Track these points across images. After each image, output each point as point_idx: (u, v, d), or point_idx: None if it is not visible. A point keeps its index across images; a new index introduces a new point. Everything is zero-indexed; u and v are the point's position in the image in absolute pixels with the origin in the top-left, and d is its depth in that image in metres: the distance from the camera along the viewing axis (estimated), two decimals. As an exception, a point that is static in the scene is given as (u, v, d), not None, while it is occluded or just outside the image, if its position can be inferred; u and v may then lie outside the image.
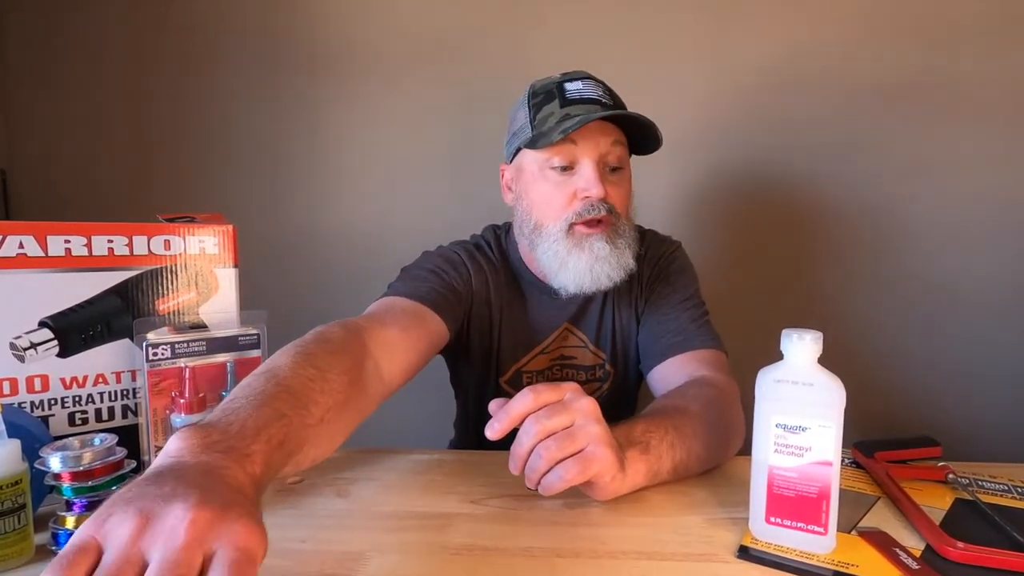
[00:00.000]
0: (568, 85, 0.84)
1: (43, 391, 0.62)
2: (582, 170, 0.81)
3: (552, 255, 0.83)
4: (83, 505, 0.53)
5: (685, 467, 0.65)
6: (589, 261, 0.82)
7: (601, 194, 0.80)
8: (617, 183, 0.84)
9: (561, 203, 0.82)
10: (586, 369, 0.94)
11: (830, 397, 0.50)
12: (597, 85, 0.85)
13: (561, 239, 0.82)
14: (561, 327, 0.93)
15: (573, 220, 0.81)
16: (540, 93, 0.86)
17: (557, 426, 0.56)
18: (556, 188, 0.83)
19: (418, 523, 0.58)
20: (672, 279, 0.92)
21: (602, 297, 0.92)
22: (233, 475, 0.39)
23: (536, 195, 0.85)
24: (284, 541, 0.55)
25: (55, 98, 1.40)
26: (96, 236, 0.64)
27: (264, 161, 1.42)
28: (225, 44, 1.39)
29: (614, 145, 0.82)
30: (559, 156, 0.82)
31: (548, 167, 0.83)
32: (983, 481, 0.66)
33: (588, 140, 0.81)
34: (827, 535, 0.51)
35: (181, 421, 0.62)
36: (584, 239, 0.82)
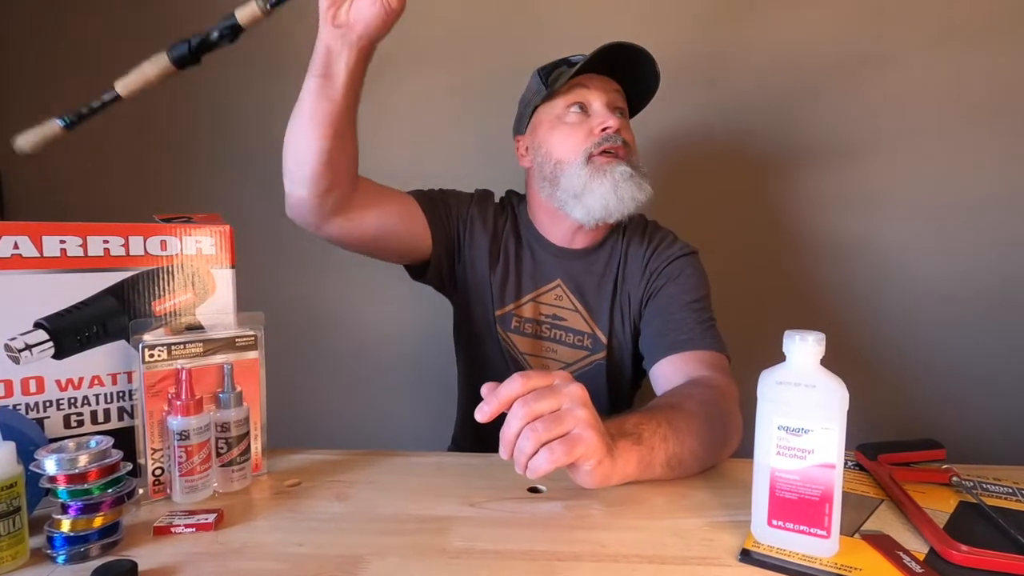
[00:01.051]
0: (572, 57, 0.96)
1: (38, 393, 0.62)
2: (596, 108, 0.92)
3: (571, 186, 0.90)
4: (78, 508, 0.53)
5: (679, 462, 0.66)
6: (612, 183, 0.88)
7: (616, 124, 0.90)
8: (624, 125, 0.94)
9: (580, 138, 0.91)
10: (575, 333, 0.97)
11: (833, 399, 0.51)
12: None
13: (582, 169, 0.89)
14: (555, 282, 0.98)
15: (592, 150, 0.89)
16: (547, 67, 0.97)
17: (545, 409, 0.57)
18: (573, 128, 0.91)
19: (417, 526, 0.58)
20: (683, 281, 0.94)
21: (602, 269, 0.97)
22: None
23: (555, 139, 0.93)
24: (282, 544, 0.55)
25: (51, 97, 1.40)
26: (92, 236, 0.64)
27: (262, 161, 1.41)
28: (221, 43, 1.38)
29: (617, 93, 0.95)
30: (575, 97, 0.92)
31: (565, 109, 0.93)
32: (987, 484, 0.66)
33: (597, 86, 0.93)
34: (830, 538, 0.51)
35: (177, 423, 0.62)
36: (605, 166, 0.89)
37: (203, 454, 0.64)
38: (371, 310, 1.10)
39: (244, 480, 0.68)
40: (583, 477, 0.60)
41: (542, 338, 0.98)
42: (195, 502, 0.64)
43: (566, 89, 0.93)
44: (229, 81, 1.39)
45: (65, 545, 0.52)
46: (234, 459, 0.67)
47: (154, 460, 0.64)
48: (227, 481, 0.67)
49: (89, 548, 0.53)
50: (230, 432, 0.66)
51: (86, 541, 0.53)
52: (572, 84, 0.92)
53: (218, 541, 0.56)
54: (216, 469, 0.66)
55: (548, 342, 0.98)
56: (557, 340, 0.98)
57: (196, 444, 0.63)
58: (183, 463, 0.63)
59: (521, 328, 0.98)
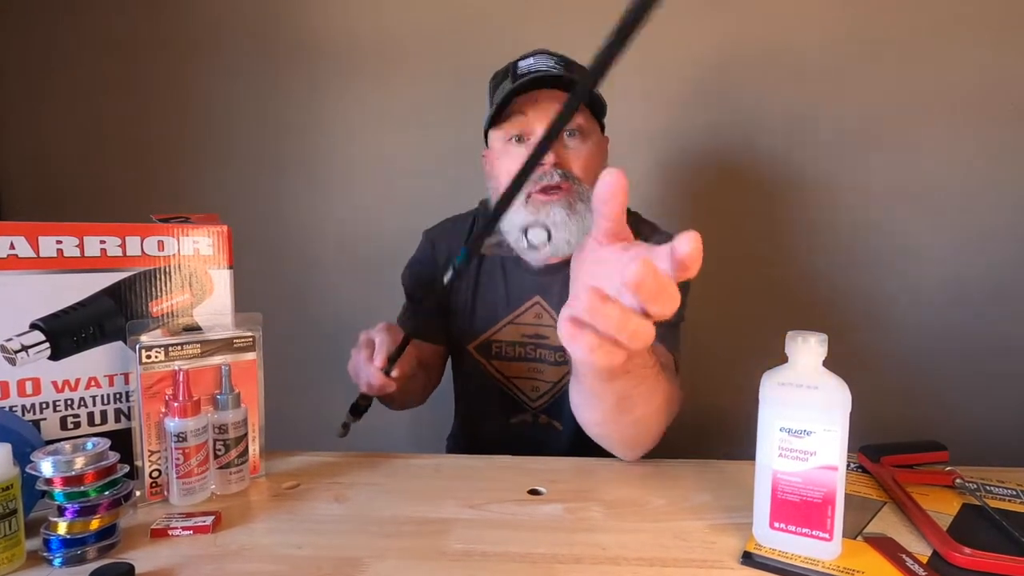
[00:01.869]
0: (521, 63, 0.89)
1: (34, 394, 0.62)
2: (534, 138, 0.87)
3: (516, 224, 0.88)
4: (75, 510, 0.53)
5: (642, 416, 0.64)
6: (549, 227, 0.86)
7: (551, 160, 0.85)
8: (576, 148, 0.88)
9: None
10: (556, 350, 0.94)
11: (835, 400, 0.51)
12: (551, 58, 0.88)
13: (520, 209, 0.87)
14: (532, 300, 0.95)
15: (530, 189, 0.85)
16: (498, 75, 0.92)
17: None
18: (514, 160, 0.87)
19: (416, 528, 0.58)
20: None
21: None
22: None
23: (500, 171, 0.90)
24: (281, 547, 0.55)
25: (48, 97, 1.40)
26: (88, 237, 0.64)
27: (259, 161, 1.42)
28: (220, 43, 1.39)
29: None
30: (514, 128, 0.87)
31: (506, 141, 0.89)
32: (991, 486, 0.66)
33: (538, 110, 0.86)
34: (832, 541, 0.51)
35: (175, 425, 0.63)
36: (541, 207, 0.86)
37: (201, 456, 0.64)
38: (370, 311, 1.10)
39: (242, 482, 0.68)
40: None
41: (526, 360, 0.96)
42: (193, 504, 0.64)
43: (506, 115, 0.88)
44: (228, 80, 1.40)
45: (62, 548, 0.52)
46: (232, 461, 0.67)
47: (151, 462, 0.64)
48: (225, 483, 0.67)
49: (86, 551, 0.53)
50: (228, 434, 0.66)
51: (83, 544, 0.53)
52: (511, 110, 0.87)
53: (216, 544, 0.56)
54: (214, 471, 0.66)
55: (532, 363, 0.96)
56: (541, 360, 0.95)
57: (194, 446, 0.63)
58: (180, 465, 0.63)
59: (502, 353, 0.97)
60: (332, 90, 1.39)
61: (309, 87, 1.39)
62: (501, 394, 0.98)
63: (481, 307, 0.97)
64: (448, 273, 0.65)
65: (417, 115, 1.39)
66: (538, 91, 0.86)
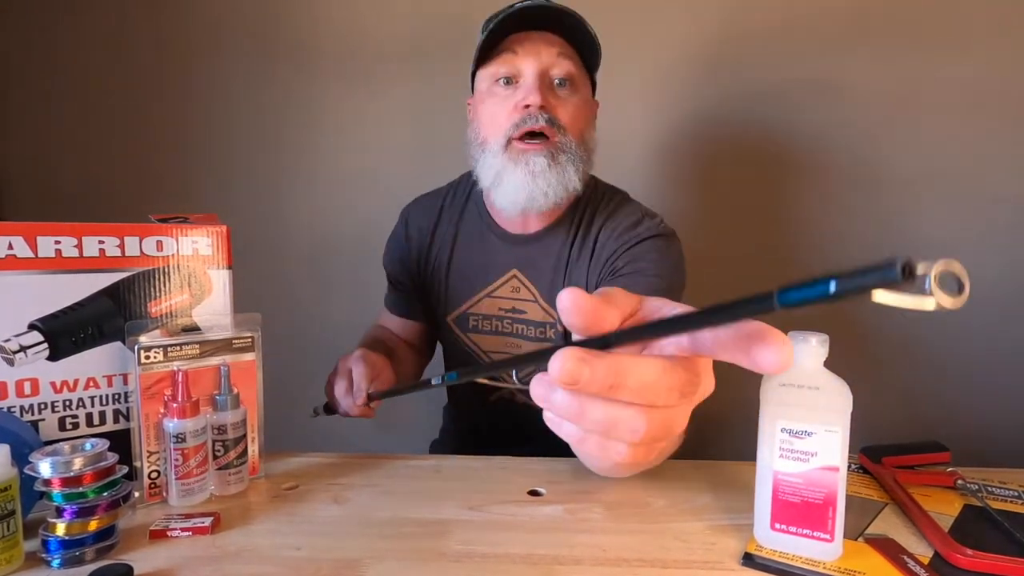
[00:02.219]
0: (518, 3, 0.84)
1: (33, 395, 0.62)
2: (524, 79, 0.82)
3: (489, 170, 0.84)
4: (73, 511, 0.53)
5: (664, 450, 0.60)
6: (524, 175, 0.81)
7: (538, 101, 0.80)
8: (565, 98, 0.84)
9: (503, 115, 0.83)
10: (536, 325, 0.92)
11: (836, 401, 0.51)
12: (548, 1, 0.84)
13: (499, 153, 0.83)
14: (509, 273, 0.92)
15: (511, 132, 0.81)
16: (493, 16, 0.86)
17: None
18: (499, 102, 0.83)
19: (416, 530, 0.58)
20: (644, 267, 0.82)
21: (557, 250, 0.89)
22: None
23: (483, 112, 0.86)
24: (279, 548, 0.55)
25: (47, 98, 1.40)
26: (87, 237, 0.64)
27: (258, 161, 1.42)
28: (219, 44, 1.39)
29: (559, 57, 0.82)
30: (502, 67, 0.83)
31: (493, 82, 0.84)
32: (993, 487, 0.66)
33: (529, 50, 0.82)
34: (833, 542, 0.51)
35: (174, 426, 0.62)
36: (521, 154, 0.82)
37: (199, 457, 0.64)
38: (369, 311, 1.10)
39: (241, 483, 0.68)
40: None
41: (503, 334, 0.94)
42: (191, 505, 0.64)
43: (496, 54, 0.83)
44: (227, 80, 1.40)
45: (60, 549, 0.52)
46: (231, 462, 0.67)
47: (150, 463, 0.64)
48: (224, 484, 0.67)
49: (84, 552, 0.53)
50: (227, 435, 0.66)
51: (81, 545, 0.53)
52: (501, 48, 0.83)
53: (215, 545, 0.56)
54: (213, 472, 0.66)
55: (510, 337, 0.94)
56: (519, 335, 0.93)
57: (192, 447, 0.63)
58: (179, 466, 0.63)
59: (479, 326, 0.94)
60: (331, 90, 1.39)
61: (308, 87, 1.39)
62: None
63: (458, 278, 0.95)
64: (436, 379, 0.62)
65: (416, 115, 1.39)
66: (530, 31, 0.82)
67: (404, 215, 1.04)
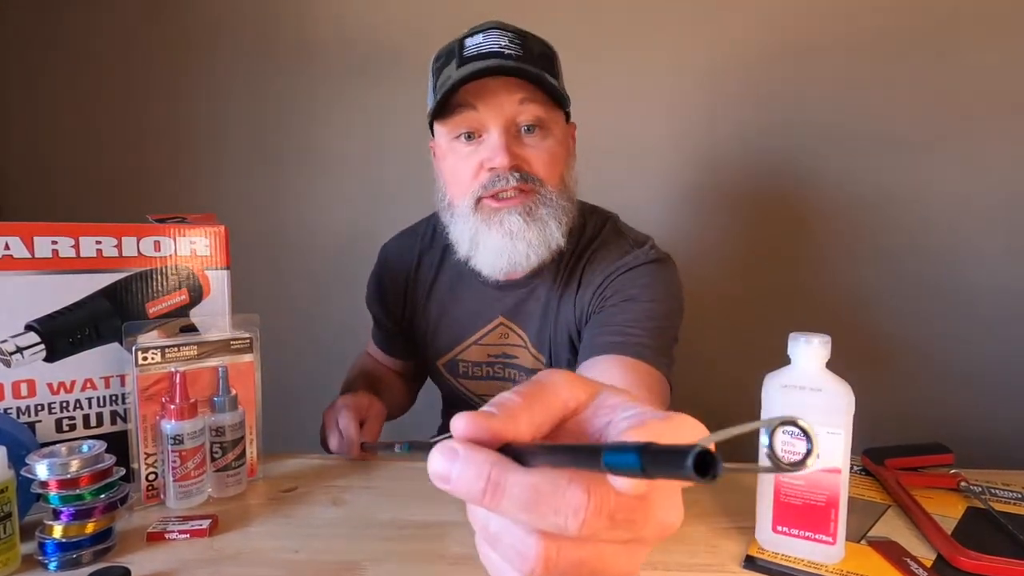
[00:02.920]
0: (468, 41, 0.76)
1: (29, 396, 0.62)
2: (488, 136, 0.74)
3: (464, 235, 0.78)
4: (70, 514, 0.53)
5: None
6: (501, 238, 0.75)
7: (505, 163, 0.73)
8: (535, 145, 0.76)
9: (467, 176, 0.76)
10: (527, 372, 0.88)
11: (839, 403, 0.50)
12: (503, 35, 0.76)
13: (470, 216, 0.76)
14: (496, 321, 0.87)
15: (480, 193, 0.75)
16: (442, 55, 0.79)
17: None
18: (463, 160, 0.76)
19: (415, 532, 0.58)
20: (636, 293, 0.78)
21: (545, 294, 0.84)
22: None
23: (446, 170, 0.80)
24: (277, 551, 0.55)
25: (44, 97, 1.40)
26: (84, 237, 0.64)
27: (257, 161, 1.42)
28: (217, 42, 1.39)
29: (523, 103, 0.74)
30: (461, 124, 0.75)
31: (453, 138, 0.77)
32: (996, 489, 0.66)
33: (490, 102, 0.73)
34: (836, 544, 0.51)
35: (171, 427, 0.63)
36: (494, 214, 0.75)
37: (197, 459, 0.64)
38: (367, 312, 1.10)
39: (239, 485, 0.68)
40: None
41: (495, 379, 0.90)
42: (189, 508, 0.64)
43: (451, 107, 0.75)
44: (225, 80, 1.40)
45: (57, 552, 0.52)
46: (229, 464, 0.67)
47: (148, 465, 0.64)
48: (222, 486, 0.67)
49: (81, 555, 0.53)
50: (225, 436, 0.66)
51: (78, 547, 0.53)
52: (457, 102, 0.74)
53: (213, 547, 0.56)
54: (211, 474, 0.66)
55: (502, 382, 0.90)
56: (511, 380, 0.89)
57: (190, 449, 0.63)
58: (177, 468, 0.63)
59: (470, 372, 0.91)
60: (329, 89, 1.39)
61: (306, 86, 1.39)
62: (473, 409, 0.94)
63: (443, 326, 0.91)
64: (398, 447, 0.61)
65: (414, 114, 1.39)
66: (489, 78, 0.73)
67: (381, 259, 0.99)
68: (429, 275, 0.91)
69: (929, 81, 1.30)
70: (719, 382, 1.31)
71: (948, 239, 1.34)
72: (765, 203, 1.37)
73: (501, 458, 0.23)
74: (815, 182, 1.35)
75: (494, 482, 0.23)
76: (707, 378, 1.31)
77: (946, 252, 1.34)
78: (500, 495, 0.23)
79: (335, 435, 0.78)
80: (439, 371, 0.94)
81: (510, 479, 0.22)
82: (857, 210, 1.35)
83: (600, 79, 1.29)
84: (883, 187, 1.34)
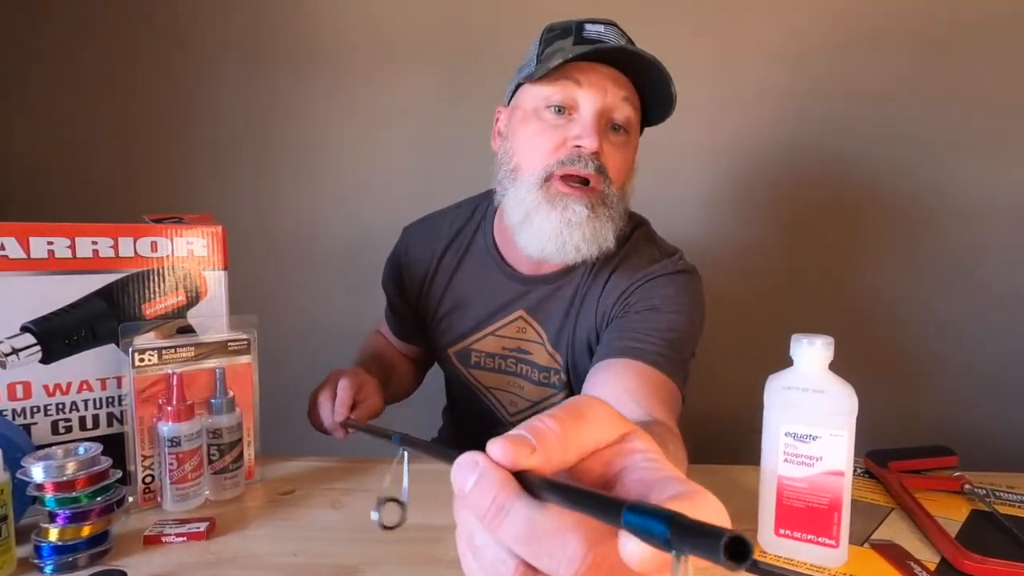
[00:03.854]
0: (589, 26, 0.76)
1: (25, 398, 0.62)
2: (580, 115, 0.74)
3: (519, 205, 0.76)
4: (67, 517, 0.53)
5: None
6: (559, 223, 0.73)
7: (595, 146, 0.72)
8: (618, 146, 0.76)
9: (548, 147, 0.74)
10: (541, 369, 0.87)
11: (842, 404, 0.51)
12: (622, 35, 0.77)
13: (534, 189, 0.75)
14: (516, 314, 0.86)
15: (554, 169, 0.74)
16: (556, 28, 0.79)
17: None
18: (547, 130, 0.75)
19: (413, 535, 0.58)
20: (658, 304, 0.78)
21: (569, 294, 0.83)
22: None
23: (523, 135, 0.77)
24: (275, 555, 0.55)
25: (38, 96, 1.40)
26: (80, 237, 0.64)
27: (254, 160, 1.42)
28: (214, 41, 1.39)
29: (624, 101, 0.75)
30: (559, 93, 0.74)
31: (544, 106, 0.75)
32: (1001, 492, 0.66)
33: (595, 84, 0.73)
34: (838, 548, 0.51)
35: (168, 430, 0.63)
36: (560, 198, 0.74)
37: (195, 461, 0.64)
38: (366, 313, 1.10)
39: (237, 488, 0.68)
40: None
41: (506, 372, 0.90)
42: (186, 510, 0.64)
43: (555, 75, 0.74)
44: (221, 80, 1.40)
45: (53, 555, 0.52)
46: (226, 466, 0.67)
47: (144, 467, 0.64)
48: (219, 489, 0.67)
49: (78, 558, 0.53)
50: (222, 438, 0.66)
51: (74, 551, 0.53)
52: (563, 70, 0.74)
53: (210, 551, 0.56)
54: (208, 476, 0.66)
55: (513, 377, 0.90)
56: (523, 375, 0.89)
57: (187, 451, 0.63)
58: (174, 470, 0.63)
59: (482, 363, 0.91)
60: (326, 89, 1.39)
61: (303, 86, 1.39)
62: (479, 402, 0.95)
63: (460, 313, 0.90)
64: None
65: (411, 114, 1.39)
66: (599, 64, 0.74)
67: (404, 241, 0.98)
68: (452, 263, 0.91)
69: (951, 81, 1.29)
70: (722, 383, 1.31)
71: (955, 240, 1.34)
72: (767, 204, 1.37)
73: (512, 483, 0.23)
74: (818, 183, 1.35)
75: (498, 506, 0.23)
76: (710, 379, 1.31)
77: (951, 254, 1.34)
78: (500, 521, 0.23)
79: (328, 391, 0.77)
80: (449, 358, 0.94)
81: (514, 508, 0.22)
82: (861, 211, 1.35)
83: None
84: (890, 188, 1.34)
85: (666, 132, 1.33)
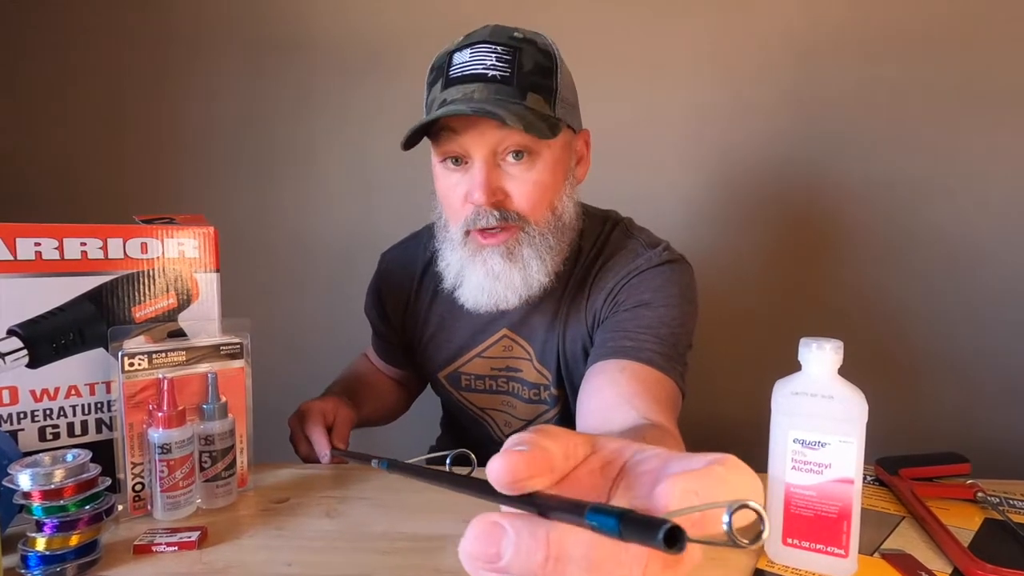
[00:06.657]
0: (456, 56, 0.74)
1: (12, 404, 0.62)
2: (472, 164, 0.73)
3: (452, 266, 0.79)
4: (54, 525, 0.53)
5: None
6: (483, 277, 0.76)
7: (483, 200, 0.71)
8: (519, 176, 0.73)
9: (456, 204, 0.76)
10: (530, 386, 0.88)
11: (851, 410, 0.51)
12: (492, 51, 0.73)
13: (459, 247, 0.77)
14: (499, 333, 0.87)
15: (469, 226, 0.74)
16: (433, 69, 0.78)
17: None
18: (452, 187, 0.76)
19: (410, 544, 0.59)
20: (646, 298, 0.77)
21: (552, 308, 0.83)
22: None
23: (439, 190, 0.79)
24: (269, 564, 0.55)
25: (27, 94, 1.41)
26: (68, 239, 0.64)
27: (247, 161, 1.42)
28: (207, 40, 1.39)
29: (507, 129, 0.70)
30: (444, 146, 0.74)
31: (440, 160, 0.76)
32: (1014, 500, 0.66)
33: (471, 130, 0.71)
34: (848, 558, 0.51)
35: (159, 436, 0.63)
36: (479, 251, 0.75)
37: (186, 469, 0.64)
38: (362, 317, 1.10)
39: (229, 496, 0.68)
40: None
41: (498, 392, 0.91)
42: (177, 519, 0.64)
43: (434, 129, 0.74)
44: (215, 79, 1.40)
45: (40, 564, 0.52)
46: (219, 474, 0.67)
47: (134, 475, 0.64)
48: (211, 497, 0.67)
49: (66, 568, 0.53)
50: (214, 445, 0.66)
51: (62, 560, 0.53)
52: (440, 123, 0.73)
53: (202, 561, 0.56)
54: (199, 484, 0.66)
55: (505, 396, 0.91)
56: (514, 394, 0.90)
57: (178, 458, 0.63)
58: (165, 478, 0.63)
59: (472, 385, 0.92)
60: (321, 90, 1.40)
61: (298, 87, 1.40)
62: (474, 422, 0.96)
63: (445, 337, 0.91)
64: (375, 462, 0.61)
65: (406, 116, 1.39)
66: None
67: (382, 270, 0.99)
68: (431, 284, 0.90)
69: (947, 81, 1.30)
70: (729, 388, 1.31)
71: (965, 243, 1.34)
72: (774, 206, 1.37)
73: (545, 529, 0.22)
74: (825, 185, 1.35)
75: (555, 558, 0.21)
76: (717, 384, 1.32)
77: (963, 256, 1.34)
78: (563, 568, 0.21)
79: (303, 442, 0.82)
80: (440, 383, 0.95)
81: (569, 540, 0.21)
82: (870, 214, 1.35)
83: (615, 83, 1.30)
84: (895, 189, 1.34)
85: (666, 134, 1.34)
